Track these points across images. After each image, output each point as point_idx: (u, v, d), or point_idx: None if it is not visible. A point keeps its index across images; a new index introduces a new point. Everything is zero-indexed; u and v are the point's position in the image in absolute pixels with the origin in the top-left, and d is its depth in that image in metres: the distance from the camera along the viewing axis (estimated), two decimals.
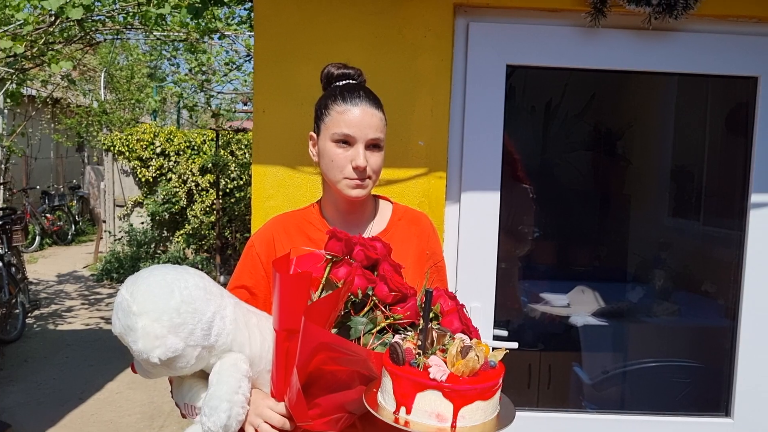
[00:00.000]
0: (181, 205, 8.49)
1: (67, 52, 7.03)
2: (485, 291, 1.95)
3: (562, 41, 1.89)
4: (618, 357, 3.08)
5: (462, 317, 1.31)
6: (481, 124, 1.90)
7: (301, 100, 1.80)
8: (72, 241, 11.26)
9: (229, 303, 1.26)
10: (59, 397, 4.39)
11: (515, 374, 3.02)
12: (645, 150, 3.43)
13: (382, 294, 1.29)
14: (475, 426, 1.06)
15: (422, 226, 1.51)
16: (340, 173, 1.36)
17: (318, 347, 1.15)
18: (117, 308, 1.18)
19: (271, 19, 1.82)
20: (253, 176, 1.84)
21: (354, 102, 1.36)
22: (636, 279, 3.33)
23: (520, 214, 2.91)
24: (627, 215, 3.53)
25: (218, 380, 1.21)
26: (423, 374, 1.06)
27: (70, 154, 13.83)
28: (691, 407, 2.49)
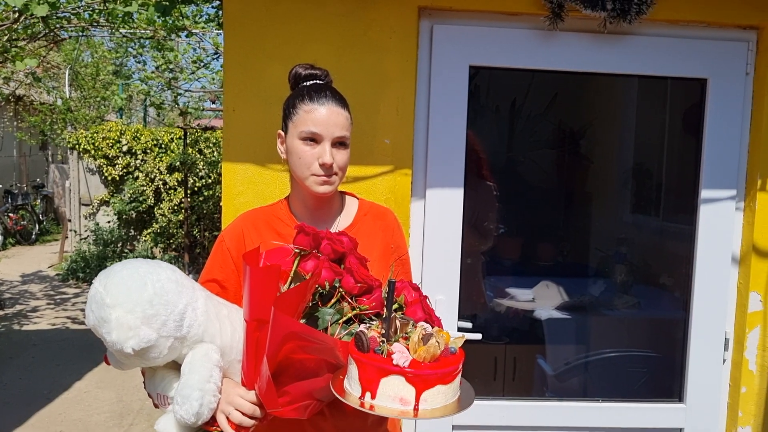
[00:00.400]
0: (148, 204, 8.43)
1: (31, 48, 6.94)
2: (450, 284, 2.01)
3: (523, 43, 1.97)
4: (580, 349, 3.17)
5: (425, 307, 1.37)
6: (445, 123, 1.96)
7: (271, 99, 1.85)
8: (36, 240, 11.08)
9: (201, 295, 1.30)
10: (26, 397, 4.36)
11: (481, 367, 3.10)
12: (606, 148, 3.53)
13: (349, 286, 1.34)
14: (436, 408, 1.12)
15: (387, 221, 1.56)
16: (307, 170, 1.41)
17: (287, 336, 1.20)
18: (91, 301, 1.21)
19: (240, 20, 1.86)
20: (224, 173, 1.88)
21: (321, 101, 1.41)
22: (598, 274, 3.43)
23: (485, 210, 2.98)
24: (589, 212, 3.63)
25: (190, 370, 1.25)
26: (387, 361, 1.12)
27: (34, 153, 13.59)
28: (647, 394, 2.59)
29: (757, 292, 2.09)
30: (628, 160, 3.45)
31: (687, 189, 2.26)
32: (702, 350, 2.14)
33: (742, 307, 2.12)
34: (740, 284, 2.13)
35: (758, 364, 2.12)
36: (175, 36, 7.34)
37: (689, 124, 2.60)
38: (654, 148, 3.19)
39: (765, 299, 2.10)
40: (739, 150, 2.08)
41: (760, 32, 2.05)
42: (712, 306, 2.12)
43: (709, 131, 2.06)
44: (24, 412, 4.09)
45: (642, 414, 2.18)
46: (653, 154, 3.21)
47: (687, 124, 2.75)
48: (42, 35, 6.29)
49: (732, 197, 2.09)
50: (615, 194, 3.50)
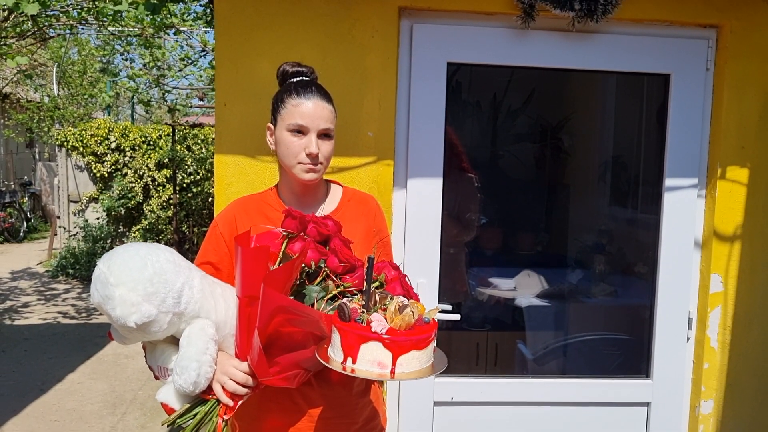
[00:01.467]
0: (137, 200, 8.50)
1: (18, 46, 6.98)
2: (431, 268, 2.14)
3: (497, 41, 2.09)
4: (558, 334, 3.30)
5: (404, 284, 1.49)
6: (424, 117, 2.08)
7: (260, 94, 1.96)
8: (24, 238, 11.10)
9: (197, 275, 1.41)
10: (20, 389, 4.44)
11: (464, 353, 3.22)
12: (584, 142, 3.65)
13: (333, 265, 1.46)
14: (411, 372, 1.24)
15: (369, 206, 1.68)
16: (294, 159, 1.53)
17: (276, 310, 1.32)
18: (95, 281, 1.32)
19: (230, 20, 1.97)
20: (216, 165, 1.99)
21: (307, 96, 1.53)
22: (576, 263, 3.56)
23: (467, 202, 3.08)
24: (568, 204, 3.76)
25: (188, 343, 1.36)
26: (366, 328, 1.24)
27: (21, 151, 13.58)
28: (619, 373, 2.72)
29: (718, 274, 2.23)
30: (605, 153, 3.57)
31: (659, 180, 2.39)
32: (667, 329, 2.27)
33: (705, 289, 2.25)
34: (702, 267, 2.27)
35: (719, 341, 2.26)
36: (163, 33, 7.41)
37: (660, 117, 2.74)
38: (630, 142, 3.31)
39: (726, 280, 2.23)
40: (701, 141, 2.21)
41: (720, 30, 2.18)
42: (676, 288, 2.26)
43: (673, 123, 2.19)
44: (18, 403, 4.17)
45: (612, 389, 2.31)
46: (629, 147, 3.33)
47: (659, 117, 2.89)
48: (30, 33, 6.35)
49: (694, 185, 2.22)
50: (593, 186, 3.63)
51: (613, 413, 2.33)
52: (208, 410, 1.40)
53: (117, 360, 5.07)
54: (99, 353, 5.23)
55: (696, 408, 2.30)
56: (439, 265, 2.15)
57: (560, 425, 2.32)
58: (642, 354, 2.44)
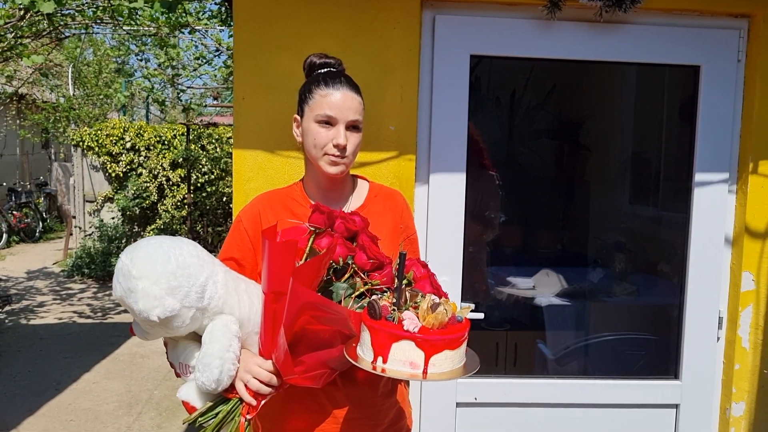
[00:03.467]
0: (152, 200, 8.50)
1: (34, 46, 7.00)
2: (453, 265, 2.09)
3: (521, 33, 2.04)
4: (579, 333, 3.24)
5: (433, 282, 1.45)
6: (447, 110, 2.04)
7: (279, 88, 1.92)
8: (40, 238, 11.15)
9: (220, 270, 1.38)
10: (35, 388, 4.44)
11: (483, 353, 3.15)
12: (605, 138, 3.59)
13: (361, 262, 1.42)
14: (443, 372, 1.20)
15: (396, 201, 1.64)
16: (321, 151, 1.49)
17: (303, 306, 1.28)
18: (118, 273, 1.29)
19: (250, 12, 1.93)
20: (234, 160, 1.96)
21: (336, 86, 1.50)
22: (597, 262, 3.50)
23: (486, 200, 3.03)
24: (588, 201, 3.70)
25: (211, 339, 1.33)
26: (398, 327, 1.19)
27: (36, 151, 13.66)
28: (645, 374, 2.67)
29: (750, 272, 2.17)
30: (626, 149, 3.52)
31: (684, 177, 2.33)
32: (697, 329, 2.21)
33: (735, 287, 2.19)
34: (733, 265, 2.21)
35: (751, 341, 2.20)
36: (177, 33, 7.41)
37: (685, 112, 2.68)
38: (652, 137, 3.25)
39: (757, 279, 2.17)
40: (732, 135, 2.15)
41: (751, 20, 2.12)
42: (706, 286, 2.20)
43: (703, 117, 2.14)
44: (34, 402, 4.17)
45: (639, 390, 2.25)
46: (651, 143, 3.28)
47: (683, 112, 2.83)
48: (46, 33, 6.36)
49: (725, 180, 2.16)
50: (614, 183, 3.57)
51: (640, 415, 2.28)
52: (230, 409, 1.36)
53: (133, 359, 5.06)
54: (114, 353, 5.22)
55: (726, 410, 2.24)
56: (463, 262, 2.11)
57: (586, 427, 2.26)
58: (669, 354, 2.38)
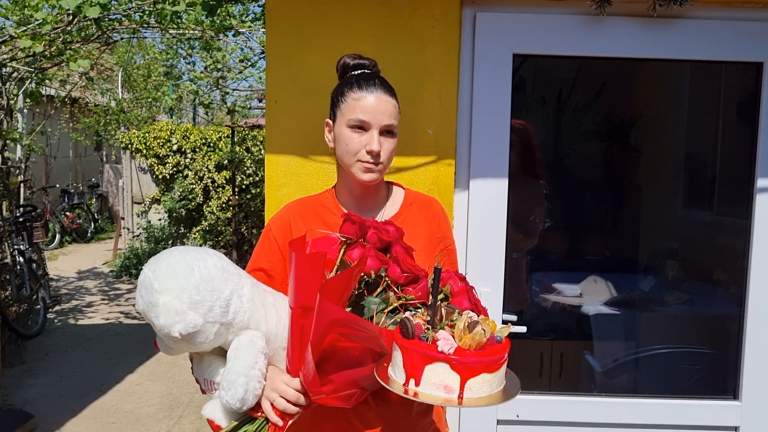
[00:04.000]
0: (197, 202, 8.59)
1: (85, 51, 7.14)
2: (494, 276, 1.99)
3: (568, 29, 1.93)
4: (629, 345, 3.10)
5: (471, 297, 1.35)
6: (488, 113, 1.94)
7: (312, 90, 1.86)
8: (91, 238, 11.41)
9: (247, 282, 1.32)
10: (80, 389, 4.49)
11: (527, 363, 3.06)
12: (657, 139, 3.44)
13: (395, 275, 1.34)
14: (481, 397, 1.11)
15: (433, 210, 1.55)
16: (354, 157, 1.42)
17: (332, 323, 1.20)
18: (140, 286, 1.24)
19: (282, 12, 1.87)
20: (266, 165, 1.90)
21: (369, 89, 1.42)
22: (648, 269, 3.34)
23: (532, 208, 2.94)
24: (639, 205, 3.55)
25: (236, 356, 1.27)
26: (431, 347, 1.11)
27: (89, 153, 14.00)
28: (700, 392, 2.52)
29: None
30: (680, 150, 3.35)
31: (742, 180, 2.19)
32: (758, 344, 2.06)
33: None
34: None
35: None
36: (222, 36, 7.46)
37: (745, 111, 2.52)
38: (708, 138, 3.09)
39: None
40: None
41: None
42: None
43: (766, 117, 1.98)
44: (78, 403, 4.22)
45: (695, 411, 2.11)
46: (707, 144, 3.11)
47: (743, 111, 2.67)
48: (95, 37, 6.47)
49: None
50: (666, 187, 3.41)
51: None
52: (256, 429, 1.30)
53: (175, 361, 5.09)
54: (158, 354, 5.25)
55: None
56: (504, 272, 2.00)
57: None
58: (727, 371, 2.23)
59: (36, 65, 5.73)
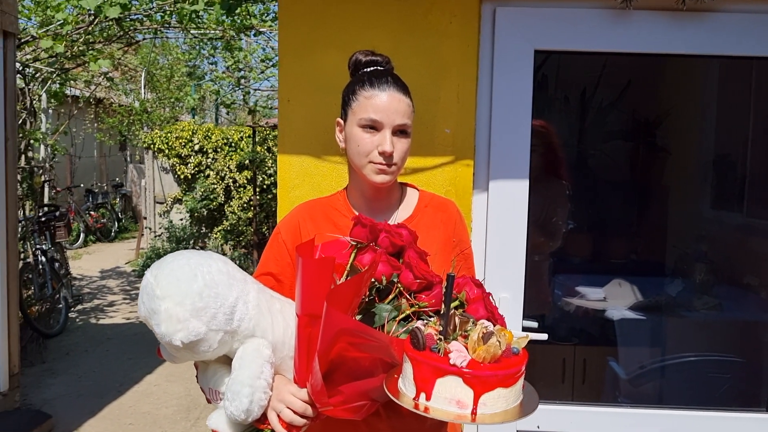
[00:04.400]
0: (219, 202, 8.59)
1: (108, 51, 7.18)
2: (514, 281, 1.92)
3: (592, 24, 1.84)
4: (655, 352, 3.01)
5: (488, 305, 1.29)
6: (509, 111, 1.86)
7: (326, 88, 1.80)
8: (115, 237, 11.50)
9: (253, 288, 1.26)
10: (99, 389, 4.49)
11: (549, 368, 2.98)
12: (685, 139, 3.34)
13: (407, 281, 1.27)
14: (496, 413, 1.04)
15: (449, 213, 1.49)
16: (365, 158, 1.36)
17: (339, 333, 1.14)
18: (142, 292, 1.20)
19: (295, 9, 1.82)
20: (279, 166, 1.85)
21: (382, 87, 1.36)
22: (675, 272, 3.26)
23: (555, 209, 2.87)
24: (666, 207, 3.45)
25: (240, 365, 1.21)
26: (443, 359, 1.04)
27: (113, 153, 14.13)
28: (730, 403, 2.42)
29: None
30: (709, 150, 3.26)
31: None
32: None
33: None
34: None
35: None
36: (243, 35, 7.45)
37: None
38: (738, 138, 2.99)
39: None
40: None
41: None
42: None
43: None
44: (96, 404, 4.21)
45: (726, 424, 2.01)
46: (737, 143, 3.01)
47: None
48: (117, 37, 6.50)
49: None
50: (694, 187, 3.31)
51: None
52: None
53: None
54: None
55: None
56: (524, 277, 1.93)
57: None
58: (760, 381, 2.14)
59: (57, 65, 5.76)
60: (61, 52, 4.84)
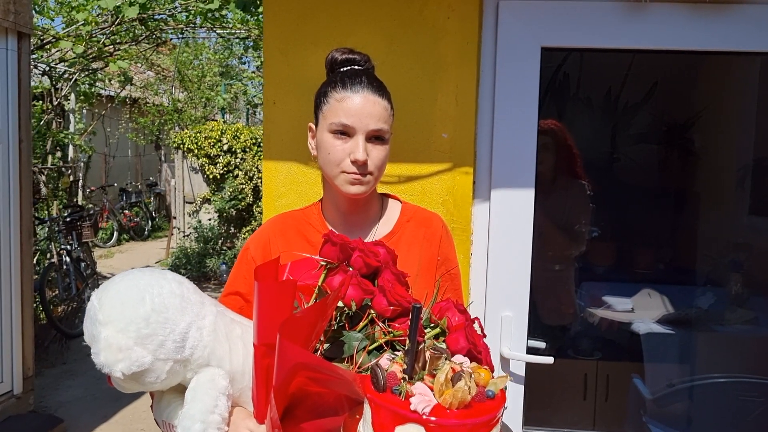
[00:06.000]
0: (247, 202, 8.56)
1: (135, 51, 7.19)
2: (518, 299, 1.76)
3: (605, 18, 1.67)
4: (684, 370, 2.83)
5: (469, 335, 1.14)
6: (512, 114, 1.70)
7: (313, 90, 1.65)
8: (148, 236, 11.60)
9: (210, 312, 1.15)
10: (115, 393, 4.41)
11: (570, 384, 2.82)
12: (718, 141, 3.14)
13: (380, 307, 1.14)
14: None
15: (433, 228, 1.35)
16: (337, 167, 1.23)
17: (296, 367, 1.02)
18: (86, 315, 1.09)
19: (281, 3, 1.69)
20: (264, 173, 1.73)
21: (354, 89, 1.23)
22: (707, 283, 3.07)
23: (577, 212, 2.73)
24: (697, 213, 3.25)
25: (193, 398, 1.10)
26: (404, 404, 0.91)
27: (148, 152, 14.27)
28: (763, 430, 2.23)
29: None
30: (745, 153, 3.04)
31: None
32: None
33: None
34: None
35: None
36: None
37: None
38: None
39: None
40: None
41: None
42: None
43: None
44: (111, 408, 4.17)
45: None
46: None
47: None
48: (143, 37, 6.50)
49: None
50: (729, 193, 3.11)
51: None
52: None
53: None
54: None
55: None
56: (530, 294, 1.77)
57: None
58: None
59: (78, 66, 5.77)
60: (81, 53, 4.82)
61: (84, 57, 5.29)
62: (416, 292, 1.22)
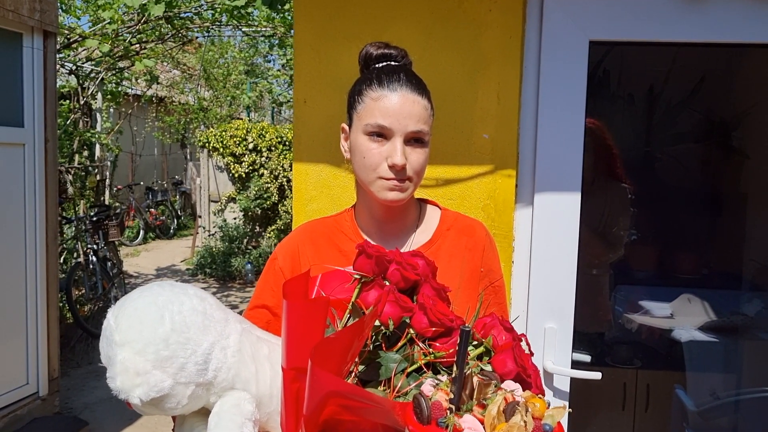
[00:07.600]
0: (272, 201, 8.52)
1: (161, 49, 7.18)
2: (563, 310, 1.65)
3: (658, 11, 1.55)
4: (730, 380, 2.69)
5: (518, 357, 1.03)
6: (558, 113, 1.59)
7: (347, 88, 1.57)
8: (174, 235, 11.64)
9: (235, 330, 1.06)
10: None
11: (608, 393, 2.70)
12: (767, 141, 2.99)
13: (420, 326, 1.04)
14: None
15: (476, 237, 1.24)
16: (373, 172, 1.13)
17: (328, 395, 0.92)
18: (102, 335, 1.01)
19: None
20: (294, 175, 1.64)
21: (392, 87, 1.13)
22: (754, 288, 2.92)
23: (616, 215, 2.62)
24: (743, 216, 3.11)
25: (217, 424, 1.01)
26: None
27: (174, 151, 14.34)
28: None
29: None
30: None
31: None
32: None
33: None
34: None
35: None
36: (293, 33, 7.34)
37: None
38: None
39: None
40: None
41: None
42: None
43: None
44: (135, 411, 4.13)
45: None
46: None
47: None
48: (169, 36, 6.48)
49: None
50: None
51: None
52: None
53: None
54: None
55: None
56: (575, 305, 1.66)
57: None
58: None
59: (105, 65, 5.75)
60: (106, 52, 4.80)
61: (110, 56, 5.27)
62: (457, 306, 1.12)
